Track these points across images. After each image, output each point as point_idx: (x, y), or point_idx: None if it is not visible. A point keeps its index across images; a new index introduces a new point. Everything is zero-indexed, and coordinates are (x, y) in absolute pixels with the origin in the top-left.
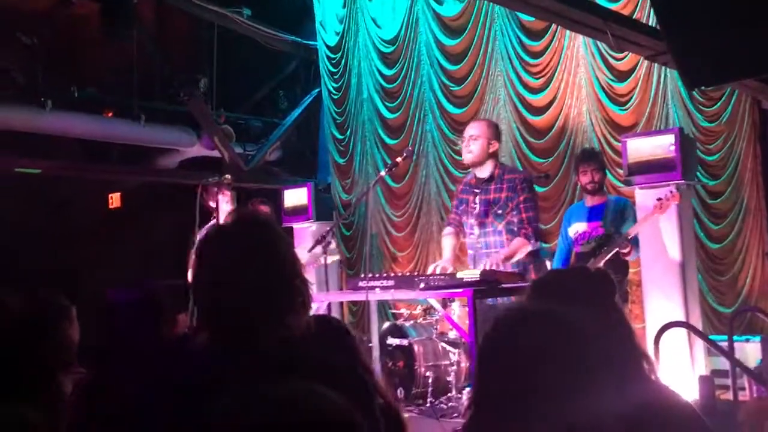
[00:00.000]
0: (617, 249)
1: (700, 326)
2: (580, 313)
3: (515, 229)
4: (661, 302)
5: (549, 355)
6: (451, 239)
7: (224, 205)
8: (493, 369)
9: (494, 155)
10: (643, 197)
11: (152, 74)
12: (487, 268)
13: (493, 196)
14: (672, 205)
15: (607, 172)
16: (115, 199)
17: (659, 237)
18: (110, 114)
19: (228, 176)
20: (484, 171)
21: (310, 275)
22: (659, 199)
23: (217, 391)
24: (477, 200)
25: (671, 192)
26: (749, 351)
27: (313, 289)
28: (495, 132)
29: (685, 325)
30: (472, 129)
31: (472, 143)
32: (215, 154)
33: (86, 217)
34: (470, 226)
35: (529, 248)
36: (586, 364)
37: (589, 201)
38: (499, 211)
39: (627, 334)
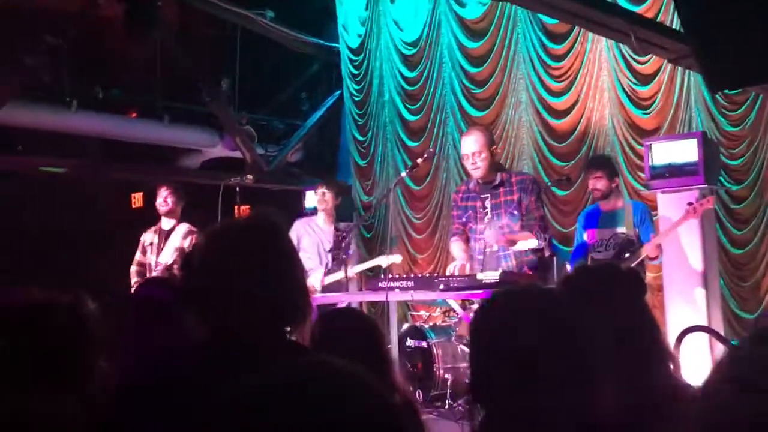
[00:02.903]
0: (646, 255)
1: (721, 331)
2: (601, 303)
3: (530, 225)
4: (682, 307)
5: (546, 343)
6: (461, 243)
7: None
8: (494, 358)
9: (498, 162)
10: (665, 201)
11: (176, 75)
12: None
13: (504, 199)
14: (706, 209)
15: (628, 175)
16: (137, 199)
17: (681, 242)
18: (134, 114)
19: (249, 177)
20: (492, 177)
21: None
22: (690, 204)
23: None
24: (487, 205)
25: (704, 196)
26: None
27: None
28: (491, 137)
29: (706, 329)
30: (473, 145)
31: (478, 159)
32: (237, 154)
33: (110, 217)
34: (480, 231)
35: (534, 243)
36: (585, 360)
37: (604, 205)
38: (515, 212)
39: (652, 331)
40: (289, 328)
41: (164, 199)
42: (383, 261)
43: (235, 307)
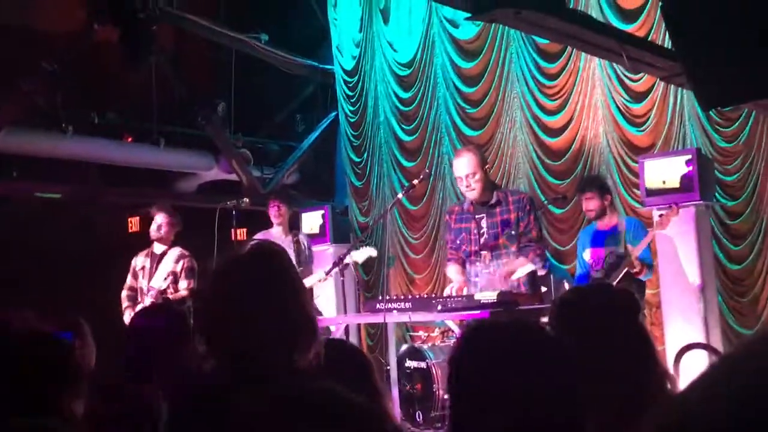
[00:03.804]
0: (626, 269)
1: (720, 348)
2: (597, 325)
3: (527, 248)
4: (680, 324)
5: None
6: (457, 266)
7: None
8: (468, 378)
9: (492, 181)
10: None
11: (171, 99)
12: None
13: (501, 218)
14: (671, 220)
15: (624, 192)
16: (134, 223)
17: (678, 258)
18: (130, 139)
19: (246, 200)
20: (488, 197)
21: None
22: (660, 215)
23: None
24: (483, 225)
25: (670, 207)
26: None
27: (322, 313)
28: (483, 157)
29: (705, 346)
30: (466, 167)
31: (472, 181)
32: (233, 177)
33: (106, 241)
34: (474, 253)
35: (530, 267)
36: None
37: (600, 224)
38: (513, 233)
39: (650, 353)
40: (297, 354)
41: (158, 227)
42: (358, 256)
43: (241, 336)
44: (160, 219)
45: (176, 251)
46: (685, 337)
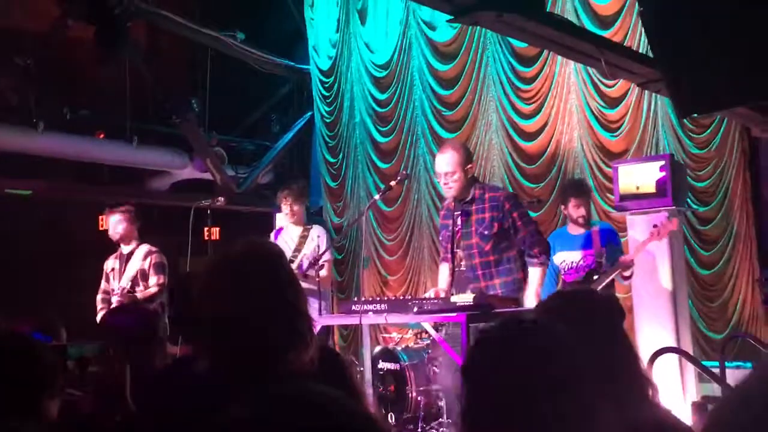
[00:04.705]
0: (618, 272)
1: (691, 352)
2: (581, 332)
3: (521, 248)
4: (652, 328)
5: (543, 372)
6: (448, 267)
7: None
8: (486, 387)
9: (473, 177)
10: (634, 223)
11: (145, 96)
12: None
13: (475, 217)
14: (670, 231)
15: (598, 197)
16: (105, 221)
17: (650, 263)
18: (102, 135)
19: (221, 199)
20: (467, 193)
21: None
22: (655, 226)
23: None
24: (459, 222)
25: (668, 219)
26: (741, 377)
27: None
28: (466, 155)
29: (677, 351)
30: (445, 165)
31: (450, 180)
32: (207, 176)
33: (77, 239)
34: (447, 250)
35: (542, 269)
36: (582, 385)
37: (574, 229)
38: (485, 233)
39: (633, 359)
40: (292, 356)
41: (114, 227)
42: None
43: (237, 335)
44: (111, 221)
45: (144, 248)
46: (656, 342)
